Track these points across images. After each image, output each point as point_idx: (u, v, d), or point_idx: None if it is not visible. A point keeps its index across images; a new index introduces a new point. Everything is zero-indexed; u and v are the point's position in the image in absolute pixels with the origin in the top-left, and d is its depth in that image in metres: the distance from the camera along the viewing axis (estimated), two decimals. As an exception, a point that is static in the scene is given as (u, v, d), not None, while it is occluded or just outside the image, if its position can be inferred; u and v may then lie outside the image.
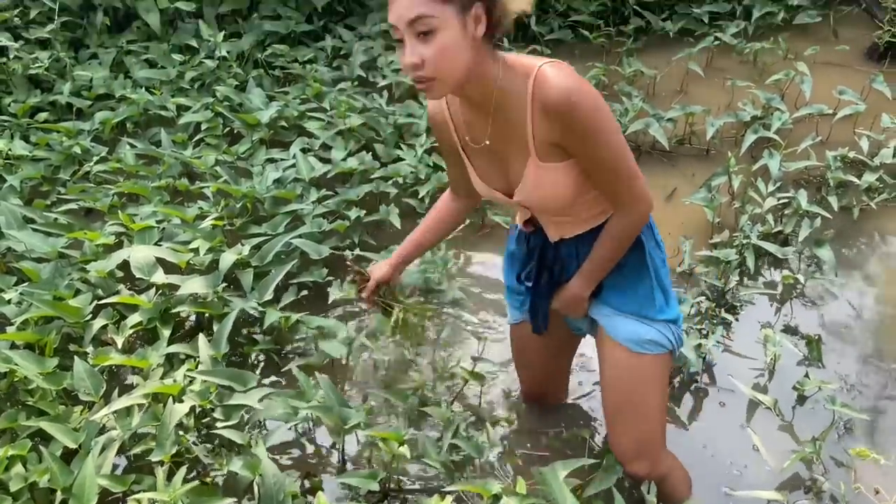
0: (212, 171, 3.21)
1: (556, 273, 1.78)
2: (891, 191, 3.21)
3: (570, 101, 1.39)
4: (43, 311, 2.38)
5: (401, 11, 1.32)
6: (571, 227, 1.68)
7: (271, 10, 4.53)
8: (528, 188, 1.56)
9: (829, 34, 4.55)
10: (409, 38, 1.33)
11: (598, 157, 1.48)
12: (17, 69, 3.87)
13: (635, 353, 1.72)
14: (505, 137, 1.53)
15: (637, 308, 1.72)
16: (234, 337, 2.60)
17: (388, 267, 1.93)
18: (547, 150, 1.49)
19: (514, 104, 1.46)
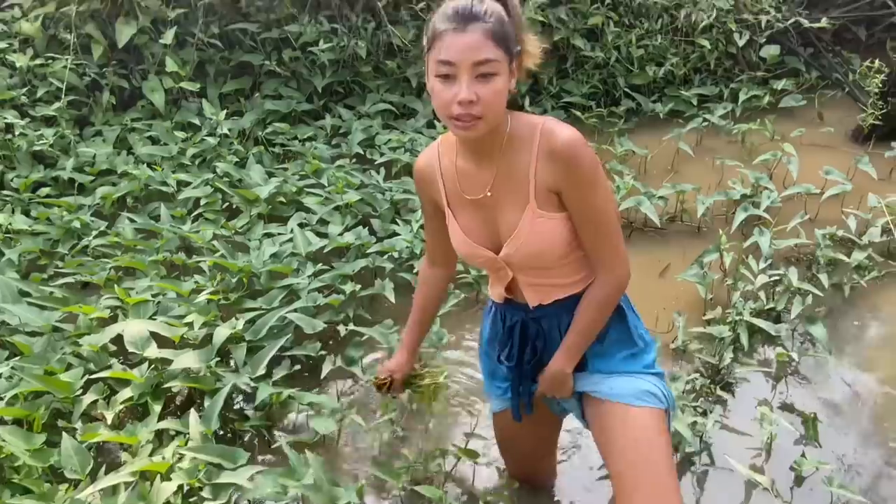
0: (209, 246, 3.24)
1: (538, 348, 1.77)
2: (880, 269, 3.25)
3: (576, 148, 1.52)
4: (33, 386, 2.36)
5: (466, 51, 1.43)
6: (551, 292, 1.70)
7: (273, 90, 4.66)
8: (522, 238, 1.60)
9: (814, 117, 4.69)
10: (468, 76, 1.44)
11: (592, 208, 1.56)
12: (22, 145, 3.95)
13: (637, 406, 1.69)
14: (506, 185, 1.59)
15: (625, 366, 1.73)
16: (225, 412, 2.57)
17: (404, 358, 1.98)
18: (545, 198, 1.56)
19: (520, 150, 1.56)
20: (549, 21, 4.81)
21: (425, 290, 1.97)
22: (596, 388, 1.74)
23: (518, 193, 1.58)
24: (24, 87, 4.25)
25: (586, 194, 1.55)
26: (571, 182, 1.53)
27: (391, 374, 1.96)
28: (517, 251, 1.62)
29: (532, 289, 1.71)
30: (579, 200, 1.55)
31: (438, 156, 1.69)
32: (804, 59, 5.02)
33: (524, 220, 1.58)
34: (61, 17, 4.42)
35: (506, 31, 1.47)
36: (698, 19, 4.77)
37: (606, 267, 1.62)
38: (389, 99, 4.67)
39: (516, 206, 1.59)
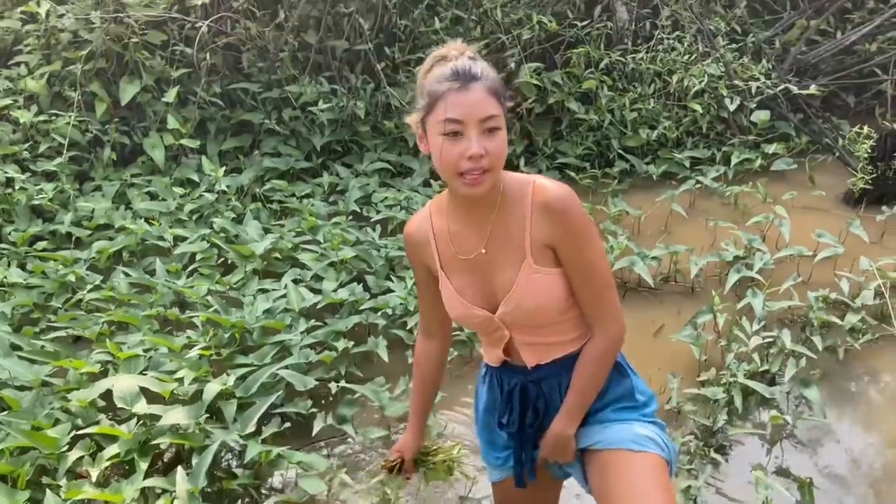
0: (203, 301, 3.24)
1: (539, 411, 1.74)
2: (874, 332, 3.25)
3: (570, 202, 1.56)
4: (19, 442, 2.33)
5: (473, 109, 1.49)
6: (549, 351, 1.68)
7: (272, 148, 4.74)
8: (519, 295, 1.59)
9: (805, 180, 4.75)
10: (475, 132, 1.49)
11: (587, 262, 1.58)
12: (21, 199, 3.99)
13: (639, 452, 1.64)
14: (501, 242, 1.60)
15: (623, 415, 1.70)
16: (212, 470, 2.53)
17: (413, 438, 1.92)
18: (541, 253, 1.57)
19: (513, 207, 1.59)
20: (545, 84, 4.93)
21: (424, 367, 1.90)
22: (594, 440, 1.70)
23: (513, 250, 1.59)
24: (27, 142, 4.32)
25: (581, 247, 1.57)
26: (566, 236, 1.56)
27: (401, 456, 1.90)
28: (514, 308, 1.62)
29: (529, 348, 1.70)
30: (574, 254, 1.58)
31: (430, 219, 1.70)
32: (794, 125, 5.13)
33: (521, 276, 1.58)
34: (67, 76, 4.52)
35: (499, 86, 1.53)
36: (690, 85, 4.89)
37: (602, 323, 1.62)
38: (387, 158, 4.74)
39: (512, 263, 1.60)
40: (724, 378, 2.89)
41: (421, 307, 1.85)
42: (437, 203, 1.71)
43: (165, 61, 4.69)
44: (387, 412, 2.70)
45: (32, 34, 4.71)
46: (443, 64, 1.53)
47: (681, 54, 5.02)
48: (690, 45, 5.09)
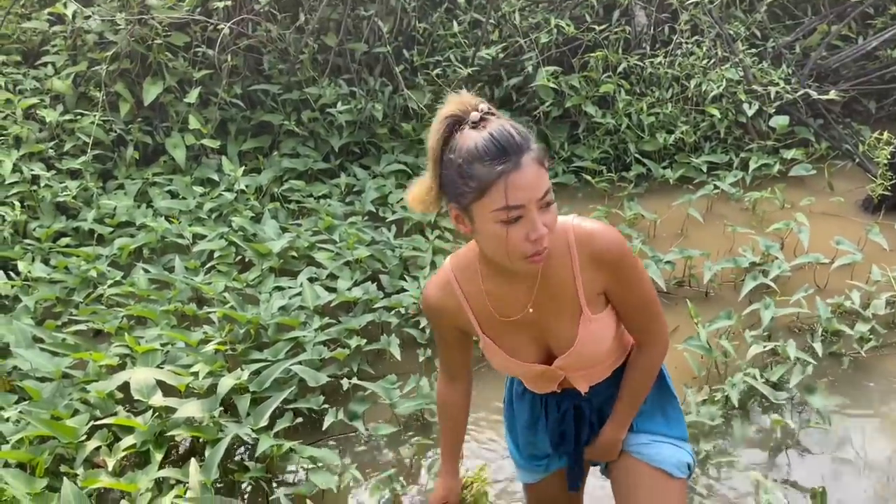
0: (220, 298, 3.30)
1: (595, 426, 1.76)
2: (880, 339, 3.22)
3: (620, 250, 1.50)
4: (39, 431, 2.40)
5: (533, 189, 1.34)
6: (601, 373, 1.70)
7: (291, 149, 4.79)
8: (582, 346, 1.57)
9: (824, 186, 4.71)
10: (536, 212, 1.36)
11: (641, 297, 1.56)
12: (46, 196, 4.08)
13: (674, 477, 1.68)
14: (548, 297, 1.55)
15: (667, 428, 1.74)
16: (225, 462, 2.58)
17: (451, 483, 1.88)
18: (594, 301, 1.55)
19: (560, 259, 1.51)
20: (562, 88, 4.94)
21: (451, 410, 1.85)
22: (641, 450, 1.72)
23: (564, 303, 1.55)
24: (52, 140, 4.42)
25: (634, 286, 1.56)
26: (619, 282, 1.54)
27: (446, 497, 1.88)
28: (575, 359, 1.61)
29: (582, 378, 1.70)
30: (630, 294, 1.56)
31: (458, 285, 1.59)
32: (814, 130, 5.08)
33: (582, 329, 1.56)
34: (92, 76, 4.62)
35: (540, 147, 1.39)
36: (708, 89, 4.87)
37: (651, 337, 1.63)
38: (404, 160, 4.77)
39: (567, 317, 1.56)
40: (733, 383, 2.88)
41: (442, 357, 1.78)
42: (461, 265, 1.60)
43: (188, 63, 4.76)
44: (397, 410, 2.73)
45: (59, 35, 4.81)
46: (462, 129, 1.37)
47: (699, 59, 5.00)
48: (709, 49, 5.07)
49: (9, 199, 3.97)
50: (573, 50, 5.15)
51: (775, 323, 3.27)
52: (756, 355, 3.03)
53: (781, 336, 3.20)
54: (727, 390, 2.84)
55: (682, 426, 1.77)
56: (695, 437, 2.73)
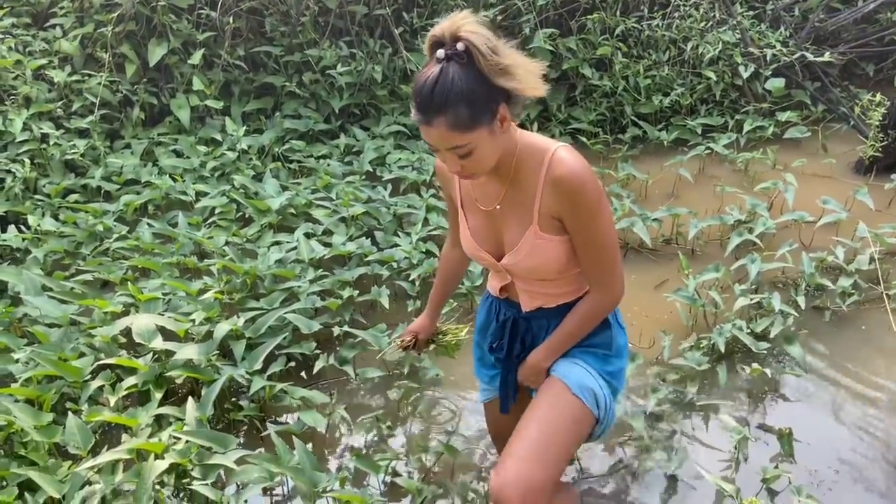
0: (220, 251, 3.43)
1: (526, 344, 1.91)
2: (861, 294, 3.31)
3: (581, 182, 1.60)
4: (46, 370, 2.55)
5: (438, 142, 1.53)
6: (545, 300, 1.83)
7: (293, 110, 4.89)
8: (521, 254, 1.72)
9: (818, 148, 4.77)
10: (449, 154, 1.55)
11: (592, 237, 1.67)
12: (56, 154, 4.22)
13: (572, 393, 1.76)
14: (513, 203, 1.70)
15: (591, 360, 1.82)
16: (222, 403, 2.74)
17: (427, 321, 2.18)
18: (547, 223, 1.67)
19: (528, 176, 1.65)
20: (560, 50, 4.99)
21: (446, 267, 2.12)
22: (557, 366, 1.83)
23: (523, 213, 1.69)
24: (61, 100, 4.54)
25: (588, 223, 1.64)
26: (574, 212, 1.62)
27: (415, 336, 2.16)
28: (516, 264, 1.75)
29: (527, 294, 1.84)
30: (581, 228, 1.65)
31: None
32: (810, 93, 5.12)
33: (525, 239, 1.70)
34: (98, 38, 4.72)
35: (471, 109, 1.48)
36: (705, 52, 4.90)
37: (601, 286, 1.74)
38: (402, 121, 4.86)
39: (520, 225, 1.70)
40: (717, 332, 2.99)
41: (450, 223, 2.01)
42: None
43: (191, 24, 4.85)
44: (385, 356, 2.87)
45: (67, -3, 4.90)
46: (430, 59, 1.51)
47: (697, 21, 5.03)
48: (707, 11, 5.09)
49: (20, 156, 4.11)
50: (571, 12, 5.19)
51: (761, 278, 3.37)
52: (742, 308, 3.13)
53: (767, 290, 3.30)
54: (714, 338, 2.95)
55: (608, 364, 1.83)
56: (682, 380, 2.84)
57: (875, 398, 2.82)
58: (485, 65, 1.47)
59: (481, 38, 1.47)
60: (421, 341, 2.19)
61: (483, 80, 1.48)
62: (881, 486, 2.44)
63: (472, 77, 1.47)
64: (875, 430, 2.67)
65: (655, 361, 2.99)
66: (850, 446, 2.60)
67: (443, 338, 2.23)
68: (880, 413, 2.75)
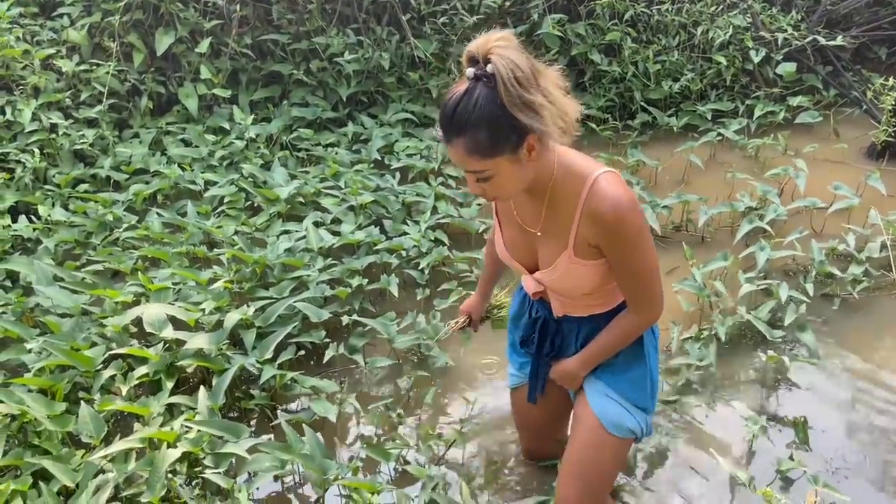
0: (230, 240, 3.44)
1: (556, 344, 1.93)
2: (871, 281, 3.28)
3: (619, 218, 1.54)
4: (59, 360, 2.57)
5: (458, 162, 1.49)
6: (576, 310, 1.84)
7: (300, 98, 4.88)
8: (556, 274, 1.71)
9: (830, 133, 4.72)
10: (468, 175, 1.51)
11: (631, 267, 1.64)
12: (65, 144, 4.22)
13: (609, 433, 1.86)
14: (551, 225, 1.67)
15: (626, 390, 1.86)
16: (233, 392, 2.75)
17: (478, 301, 2.22)
18: (584, 249, 1.65)
19: (566, 201, 1.60)
20: (568, 36, 4.95)
21: (494, 253, 2.07)
22: (593, 398, 1.88)
23: (559, 236, 1.66)
24: (70, 90, 4.54)
25: (626, 255, 1.61)
26: (612, 245, 1.60)
27: (469, 315, 2.20)
28: (550, 282, 1.75)
29: (558, 301, 1.85)
30: (619, 259, 1.63)
31: None
32: (822, 77, 5.06)
33: (560, 262, 1.68)
34: (106, 27, 4.71)
35: (492, 135, 1.41)
36: (715, 36, 4.86)
37: (639, 308, 1.73)
38: (410, 109, 4.85)
39: (556, 247, 1.68)
40: (728, 319, 2.97)
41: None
42: None
43: (199, 13, 4.83)
44: (395, 344, 2.87)
45: (74, -14, 4.89)
46: (461, 76, 1.45)
47: (707, 5, 4.98)
48: (718, -5, 5.05)
49: (29, 146, 4.11)
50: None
51: (770, 265, 3.35)
52: (746, 296, 3.11)
53: (776, 278, 3.28)
54: (716, 328, 2.94)
55: (644, 395, 1.88)
56: (691, 368, 2.83)
57: (888, 384, 2.81)
58: (505, 95, 1.39)
59: (509, 65, 1.38)
60: (475, 320, 2.22)
61: (504, 110, 1.41)
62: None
63: (500, 103, 1.40)
64: (890, 417, 2.65)
65: (664, 350, 2.98)
66: (866, 433, 2.60)
67: (497, 312, 2.28)
68: (893, 398, 2.73)
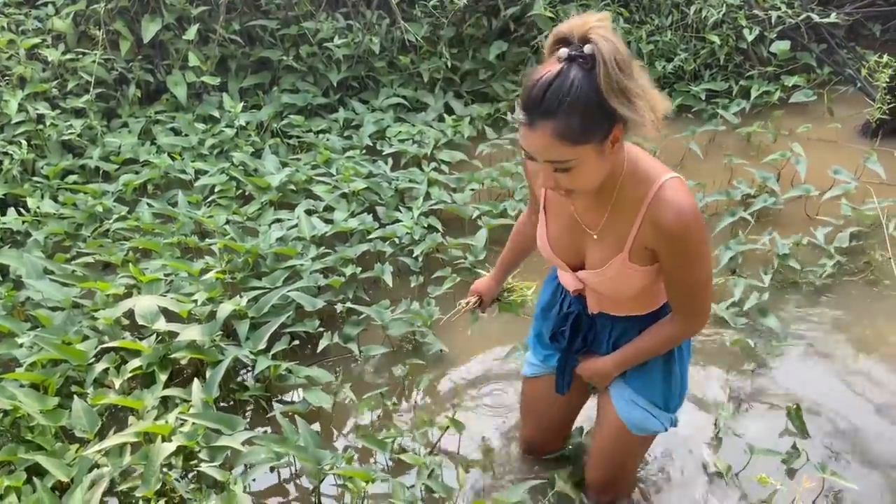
0: (221, 230, 3.41)
1: (588, 340, 1.89)
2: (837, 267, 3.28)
3: (684, 229, 1.48)
4: (50, 354, 2.55)
5: (537, 151, 1.39)
6: (613, 309, 1.79)
7: (291, 84, 4.83)
8: (605, 277, 1.64)
9: (824, 112, 4.69)
10: (546, 166, 1.41)
11: (685, 279, 1.59)
12: (52, 135, 4.17)
13: (633, 434, 1.88)
14: (608, 227, 1.60)
15: (653, 396, 1.85)
16: (227, 383, 2.73)
17: (492, 282, 2.14)
18: (639, 254, 1.59)
19: (629, 204, 1.53)
20: (560, 17, 4.90)
21: (521, 235, 2.04)
22: (619, 403, 1.88)
23: (615, 239, 1.59)
24: (56, 80, 4.48)
25: (684, 266, 1.55)
26: (670, 254, 1.54)
27: (480, 296, 2.13)
28: (596, 283, 1.69)
29: (596, 299, 1.80)
30: (675, 269, 1.57)
31: None
32: (816, 55, 5.03)
33: (612, 265, 1.61)
34: (91, 14, 4.64)
35: (585, 121, 1.34)
36: (708, 15, 4.81)
37: (685, 316, 1.67)
38: (402, 93, 4.80)
39: (611, 250, 1.61)
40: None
41: (531, 197, 1.89)
42: None
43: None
44: (389, 331, 2.86)
45: (58, -27, 4.81)
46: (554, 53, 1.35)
47: (700, -16, 4.93)
48: (710, -27, 4.99)
49: (16, 138, 4.07)
50: (572, -23, 5.08)
51: (744, 257, 3.34)
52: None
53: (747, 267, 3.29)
54: None
55: (671, 397, 1.86)
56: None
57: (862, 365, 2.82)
58: (604, 78, 1.30)
59: (612, 47, 1.31)
60: (486, 302, 2.15)
61: (600, 96, 1.33)
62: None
63: (596, 87, 1.32)
64: (876, 394, 2.66)
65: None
66: (857, 414, 2.60)
67: (508, 296, 2.21)
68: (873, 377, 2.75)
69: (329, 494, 2.34)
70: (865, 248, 3.43)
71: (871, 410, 2.62)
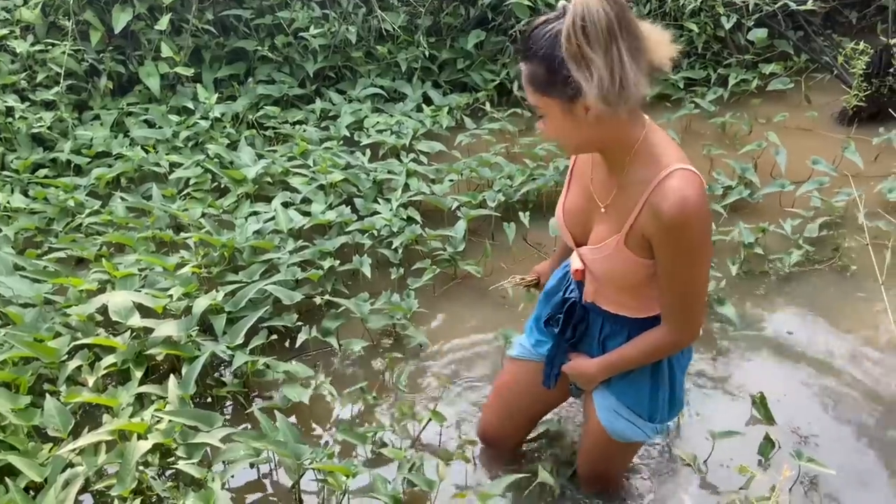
0: (196, 224, 3.35)
1: (578, 332, 1.87)
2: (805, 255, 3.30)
3: (684, 222, 1.44)
4: (21, 352, 2.49)
5: (525, 87, 1.48)
6: (606, 302, 1.77)
7: (266, 75, 4.76)
8: (599, 255, 1.63)
9: (801, 100, 4.71)
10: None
11: (677, 277, 1.54)
12: (22, 128, 4.08)
13: (617, 443, 1.90)
14: (615, 203, 1.58)
15: (637, 406, 1.83)
16: (204, 380, 2.69)
17: (551, 266, 2.14)
18: (635, 241, 1.55)
19: (635, 184, 1.51)
20: (538, 5, 4.86)
21: None
22: (602, 411, 1.87)
23: (618, 219, 1.57)
24: (25, 71, 4.38)
25: (679, 262, 1.52)
26: (666, 247, 1.50)
27: (539, 276, 2.16)
28: (592, 261, 1.67)
29: (593, 287, 1.78)
30: (669, 264, 1.53)
31: None
32: (793, 43, 5.04)
33: (608, 244, 1.59)
34: (60, 5, 4.53)
35: (549, 75, 1.37)
36: (686, 3, 4.80)
37: (674, 325, 1.63)
38: (380, 83, 4.75)
39: (611, 228, 1.59)
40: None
41: None
42: None
43: (157, -12, 4.67)
44: (369, 324, 2.83)
45: (25, -38, 4.70)
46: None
47: (677, -28, 4.92)
48: (688, -38, 4.98)
49: (-16, 131, 3.98)
50: (549, -34, 5.04)
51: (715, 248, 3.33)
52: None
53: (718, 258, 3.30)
54: None
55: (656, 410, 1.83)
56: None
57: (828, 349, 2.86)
58: (564, 40, 1.30)
59: (581, 12, 1.28)
60: (543, 283, 2.14)
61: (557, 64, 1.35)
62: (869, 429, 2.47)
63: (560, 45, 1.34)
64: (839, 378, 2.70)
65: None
66: (821, 398, 2.62)
67: None
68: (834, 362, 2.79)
69: (309, 490, 2.31)
70: (836, 238, 3.44)
71: (834, 395, 2.64)
